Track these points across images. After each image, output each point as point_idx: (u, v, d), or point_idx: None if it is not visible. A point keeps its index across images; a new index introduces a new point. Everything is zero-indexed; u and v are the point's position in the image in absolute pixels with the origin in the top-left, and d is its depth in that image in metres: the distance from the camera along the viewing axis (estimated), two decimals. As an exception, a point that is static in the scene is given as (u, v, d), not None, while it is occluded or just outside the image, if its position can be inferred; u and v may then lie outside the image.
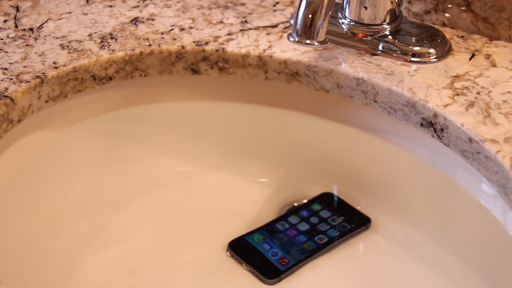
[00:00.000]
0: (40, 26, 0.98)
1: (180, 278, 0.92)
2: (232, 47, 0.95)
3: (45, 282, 0.89)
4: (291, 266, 0.92)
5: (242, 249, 0.94)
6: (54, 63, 0.92)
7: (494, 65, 0.92)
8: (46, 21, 0.99)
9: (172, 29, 0.97)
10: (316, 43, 0.86)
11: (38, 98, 0.89)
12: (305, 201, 1.00)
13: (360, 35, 0.94)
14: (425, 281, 0.91)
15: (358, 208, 0.98)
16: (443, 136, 0.86)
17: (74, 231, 0.94)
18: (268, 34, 0.97)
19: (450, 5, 0.96)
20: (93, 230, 0.96)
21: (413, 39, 0.94)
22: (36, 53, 0.93)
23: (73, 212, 0.95)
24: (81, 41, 0.95)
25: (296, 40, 0.86)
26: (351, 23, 0.94)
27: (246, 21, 0.99)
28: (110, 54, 0.93)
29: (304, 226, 0.96)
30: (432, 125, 0.87)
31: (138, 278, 0.92)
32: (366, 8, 0.93)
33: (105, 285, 0.91)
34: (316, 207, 0.99)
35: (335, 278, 0.92)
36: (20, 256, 0.88)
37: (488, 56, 0.93)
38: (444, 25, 0.98)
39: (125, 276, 0.92)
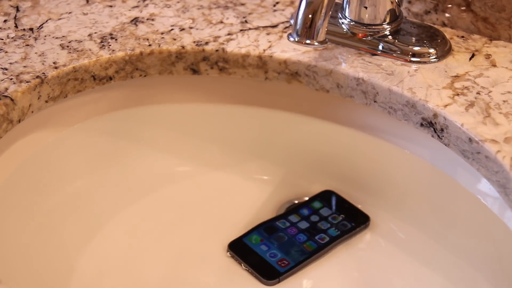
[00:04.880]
0: (40, 26, 0.98)
1: (180, 278, 0.92)
2: (232, 47, 0.95)
3: (45, 282, 0.89)
4: (291, 268, 0.92)
5: (241, 250, 0.94)
6: (54, 63, 0.92)
7: (494, 65, 0.92)
8: (46, 21, 0.99)
9: (172, 29, 0.97)
10: (316, 43, 0.86)
11: (38, 98, 0.90)
12: (306, 198, 1.00)
13: (360, 35, 0.94)
14: (425, 280, 0.91)
15: (359, 207, 0.98)
16: (443, 136, 0.86)
17: (73, 231, 0.94)
18: (268, 34, 0.97)
19: (450, 5, 0.96)
20: (93, 230, 0.96)
21: (413, 39, 0.94)
22: (36, 53, 0.93)
23: (72, 212, 0.95)
24: (81, 41, 0.95)
25: (296, 40, 0.86)
26: (351, 23, 0.94)
27: (246, 21, 0.99)
28: (110, 54, 0.93)
29: (304, 224, 0.96)
30: (432, 125, 0.87)
31: (138, 278, 0.92)
32: (366, 8, 0.93)
33: (104, 285, 0.91)
34: (316, 204, 0.99)
35: (335, 278, 0.92)
36: (20, 255, 0.88)
37: (488, 56, 0.93)
38: (444, 25, 0.98)
39: (124, 276, 0.92)
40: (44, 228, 0.92)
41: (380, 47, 0.93)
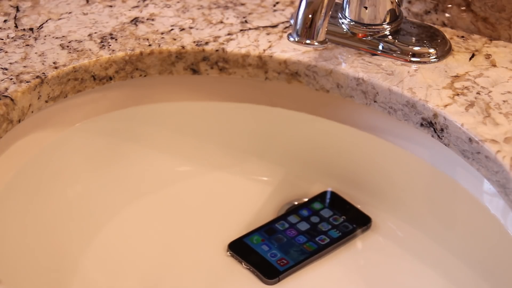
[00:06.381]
0: (40, 26, 0.98)
1: (180, 278, 0.92)
2: (232, 47, 0.95)
3: (45, 282, 0.89)
4: (291, 267, 0.92)
5: (241, 250, 0.94)
6: (54, 63, 0.92)
7: (494, 65, 0.92)
8: (46, 21, 0.99)
9: (172, 29, 0.97)
10: (316, 43, 0.86)
11: (38, 98, 0.90)
12: (306, 199, 1.00)
13: (360, 35, 0.94)
14: (425, 281, 0.91)
15: (359, 207, 0.98)
16: (443, 136, 0.86)
17: (74, 231, 0.94)
18: (268, 34, 0.97)
19: (450, 5, 0.96)
20: (93, 230, 0.96)
21: (413, 39, 0.94)
22: (36, 53, 0.93)
23: (73, 212, 0.95)
24: (81, 41, 0.95)
25: (296, 40, 0.86)
26: (351, 23, 0.94)
27: (246, 21, 0.99)
28: (110, 54, 0.93)
29: (304, 226, 0.96)
30: (432, 125, 0.87)
31: (138, 278, 0.92)
32: (366, 8, 0.93)
33: (104, 284, 0.91)
34: (317, 205, 0.99)
35: (335, 278, 0.92)
36: (20, 256, 0.88)
37: (488, 56, 0.93)
38: (444, 25, 0.98)
39: (124, 276, 0.92)
40: (44, 228, 0.92)
41: (380, 47, 0.93)
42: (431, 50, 0.93)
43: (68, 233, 0.94)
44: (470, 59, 0.93)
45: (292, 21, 0.99)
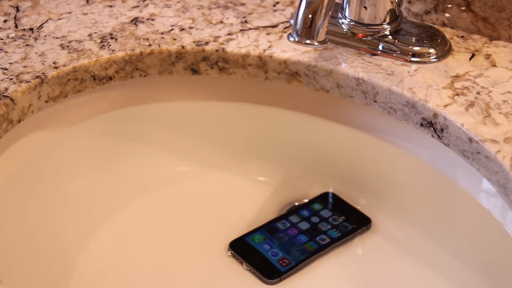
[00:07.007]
0: (40, 26, 0.98)
1: (180, 278, 0.92)
2: (232, 47, 0.95)
3: (45, 282, 0.89)
4: (292, 267, 0.92)
5: (242, 249, 0.94)
6: (54, 63, 0.92)
7: (494, 65, 0.92)
8: (46, 21, 0.99)
9: (172, 29, 0.97)
10: (316, 43, 0.86)
11: (38, 98, 0.89)
12: (306, 200, 1.00)
13: (360, 35, 0.94)
14: (425, 281, 0.91)
15: (358, 208, 0.98)
16: (443, 136, 0.86)
17: (74, 231, 0.94)
18: (268, 34, 0.97)
19: (450, 5, 0.96)
20: (93, 229, 0.96)
21: (413, 39, 0.94)
22: (36, 53, 0.93)
23: (72, 212, 0.95)
24: (81, 41, 0.95)
25: (296, 40, 0.86)
26: (351, 23, 0.94)
27: (246, 21, 0.99)
28: (110, 54, 0.93)
29: (304, 225, 0.96)
30: (432, 125, 0.87)
31: (137, 278, 0.92)
32: (366, 8, 0.93)
33: (104, 284, 0.91)
34: (316, 206, 0.99)
35: (335, 279, 0.92)
36: (20, 256, 0.88)
37: (488, 56, 0.93)
38: (444, 25, 0.98)
39: (124, 276, 0.92)
40: (44, 228, 0.92)
41: (380, 47, 0.93)
42: (431, 50, 0.93)
43: (68, 233, 0.94)
44: (470, 59, 0.93)
45: (292, 21, 0.99)
